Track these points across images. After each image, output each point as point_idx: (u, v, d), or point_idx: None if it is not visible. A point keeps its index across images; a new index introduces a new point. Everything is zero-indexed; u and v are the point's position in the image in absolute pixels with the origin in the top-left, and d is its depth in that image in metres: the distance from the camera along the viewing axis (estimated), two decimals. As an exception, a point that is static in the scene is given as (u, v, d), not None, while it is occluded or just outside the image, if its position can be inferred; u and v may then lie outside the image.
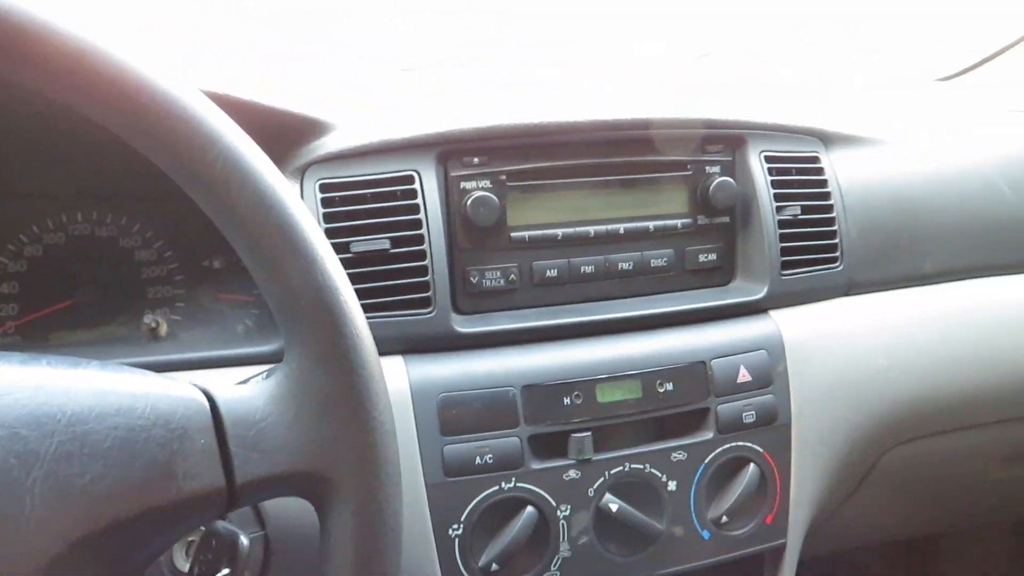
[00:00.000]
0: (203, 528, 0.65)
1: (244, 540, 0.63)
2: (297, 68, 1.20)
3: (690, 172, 0.86)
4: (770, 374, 0.84)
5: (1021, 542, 1.69)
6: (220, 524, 0.64)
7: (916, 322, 0.96)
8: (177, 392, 0.43)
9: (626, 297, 0.85)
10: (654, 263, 0.85)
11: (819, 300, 0.92)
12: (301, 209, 0.45)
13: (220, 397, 0.43)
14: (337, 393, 0.43)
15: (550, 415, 0.76)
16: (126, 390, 0.42)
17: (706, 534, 0.82)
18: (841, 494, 1.01)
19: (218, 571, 0.62)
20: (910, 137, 1.02)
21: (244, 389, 0.45)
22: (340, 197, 0.75)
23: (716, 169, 0.87)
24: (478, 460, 0.73)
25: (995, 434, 1.08)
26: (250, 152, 0.44)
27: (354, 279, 0.73)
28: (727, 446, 0.82)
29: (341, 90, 0.94)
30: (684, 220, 0.86)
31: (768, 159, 0.88)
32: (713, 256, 0.88)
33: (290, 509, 0.61)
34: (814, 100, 1.12)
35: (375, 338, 0.75)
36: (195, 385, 0.44)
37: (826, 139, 0.94)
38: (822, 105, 1.05)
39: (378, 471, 0.44)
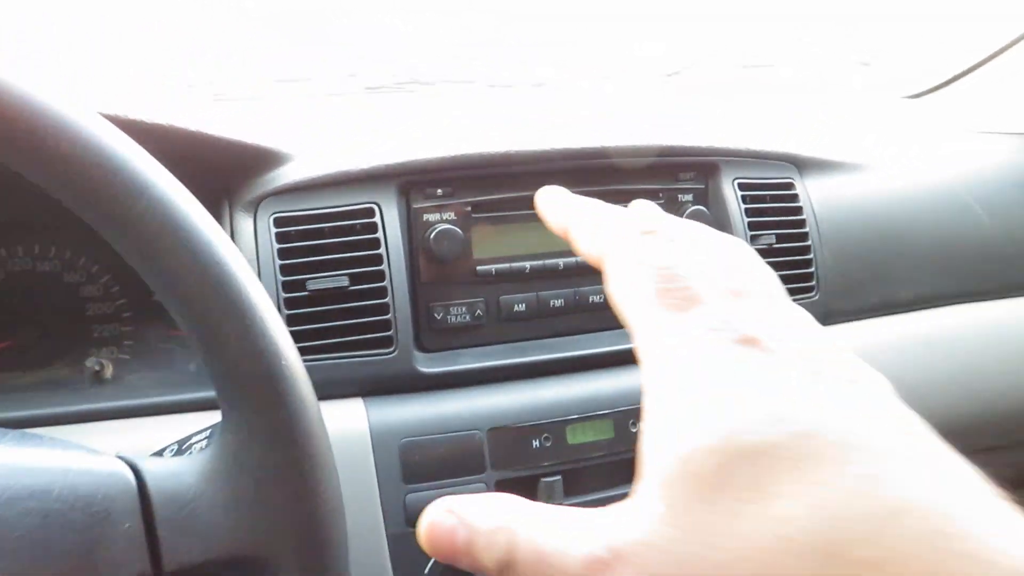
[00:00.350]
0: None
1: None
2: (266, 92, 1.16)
3: (662, 201, 0.83)
4: (746, 410, 0.81)
5: None
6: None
7: (894, 350, 0.94)
8: (100, 467, 0.39)
9: (597, 331, 0.82)
10: (626, 295, 0.82)
11: (795, 331, 0.89)
12: (239, 265, 0.41)
13: (148, 472, 0.40)
14: (278, 469, 0.40)
15: (518, 459, 0.73)
16: (42, 466, 0.38)
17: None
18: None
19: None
20: (885, 161, 1.00)
21: (175, 463, 0.41)
22: (296, 232, 0.71)
23: (689, 197, 0.84)
24: (443, 508, 0.70)
25: (975, 464, 1.06)
26: (183, 203, 0.40)
27: (310, 319, 0.70)
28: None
29: (300, 117, 0.90)
30: (657, 250, 0.83)
31: (742, 186, 0.86)
32: (687, 287, 0.85)
33: None
34: (787, 121, 1.10)
35: (333, 380, 0.72)
36: (121, 458, 0.40)
37: (800, 164, 0.92)
38: (795, 126, 1.03)
39: (322, 555, 0.40)
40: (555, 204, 0.39)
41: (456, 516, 0.28)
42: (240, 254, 0.42)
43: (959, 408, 0.97)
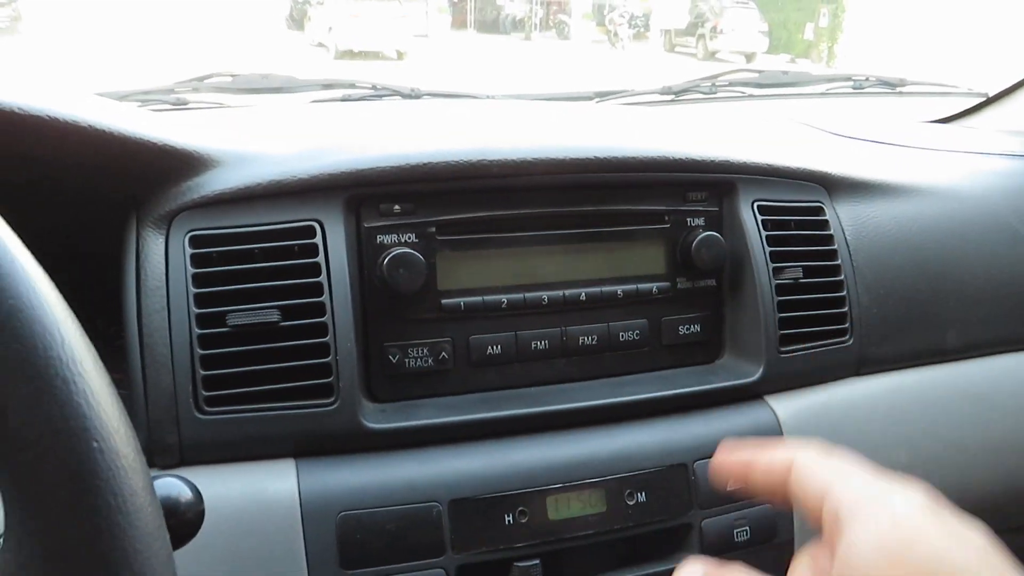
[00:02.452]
0: None
1: None
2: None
3: (668, 225, 0.70)
4: (767, 477, 0.67)
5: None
6: None
7: (939, 408, 0.79)
8: None
9: (587, 380, 0.68)
10: (624, 337, 0.69)
11: (825, 381, 0.75)
12: (37, 294, 0.28)
13: None
14: None
15: (486, 538, 0.59)
16: None
17: None
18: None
19: None
20: (926, 183, 0.87)
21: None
22: (217, 254, 0.58)
23: (700, 222, 0.71)
24: (389, 602, 0.56)
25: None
26: None
27: (231, 360, 0.57)
28: (714, 572, 0.65)
29: (236, 120, 0.78)
30: (661, 284, 0.70)
31: (763, 210, 0.73)
32: (696, 328, 0.72)
33: None
34: (813, 137, 0.97)
35: (257, 436, 0.57)
36: None
37: (830, 185, 0.79)
38: (823, 144, 0.90)
39: None
40: None
41: None
42: (46, 284, 0.29)
43: (1012, 475, 0.82)
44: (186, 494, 0.39)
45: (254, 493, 0.57)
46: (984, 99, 1.26)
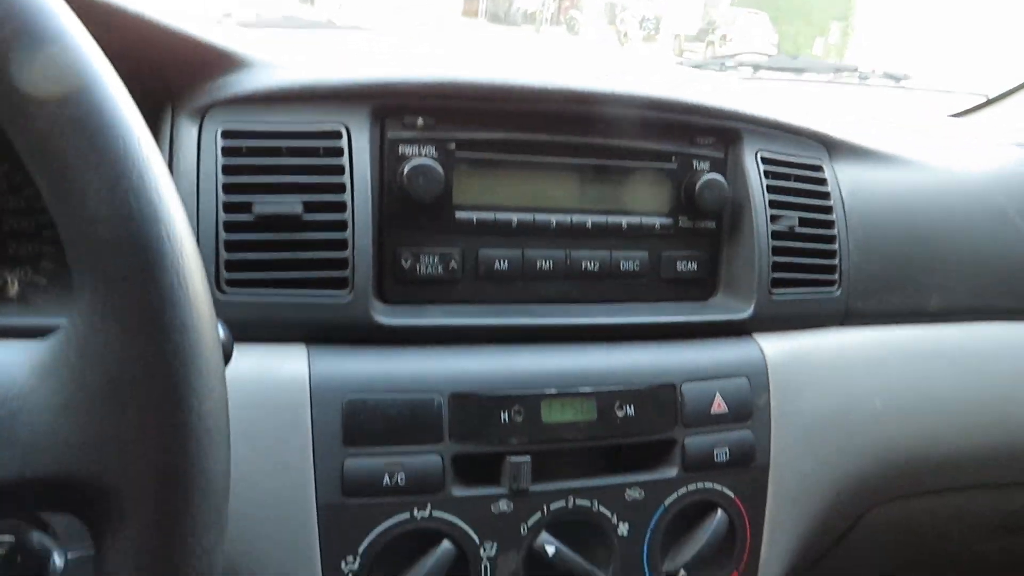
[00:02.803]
0: (12, 538, 0.50)
1: (58, 560, 0.48)
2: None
3: (675, 166, 0.74)
4: (750, 406, 0.71)
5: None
6: (35, 537, 0.50)
7: (917, 364, 0.83)
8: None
9: (588, 302, 0.72)
10: (624, 266, 0.73)
11: (812, 327, 0.79)
12: (119, 99, 0.32)
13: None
14: (136, 368, 0.29)
15: (482, 432, 0.62)
16: None
17: (660, 592, 0.68)
18: (815, 553, 0.88)
19: (17, 596, 0.47)
20: (924, 158, 0.91)
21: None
22: (247, 147, 0.61)
23: (705, 165, 0.75)
24: (387, 480, 0.60)
25: (994, 499, 0.95)
26: (42, 9, 0.30)
27: (254, 246, 0.60)
28: (693, 487, 0.68)
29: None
30: (663, 220, 0.74)
31: (765, 160, 0.76)
32: (694, 265, 0.75)
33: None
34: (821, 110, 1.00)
35: (274, 320, 0.61)
36: None
37: (831, 146, 0.82)
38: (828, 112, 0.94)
39: (186, 490, 0.30)
40: None
41: None
42: (123, 89, 0.32)
43: (987, 435, 0.86)
44: (222, 334, 0.42)
45: (268, 371, 0.60)
46: (985, 100, 1.30)
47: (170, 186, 0.32)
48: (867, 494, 0.83)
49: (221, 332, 0.43)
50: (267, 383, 0.60)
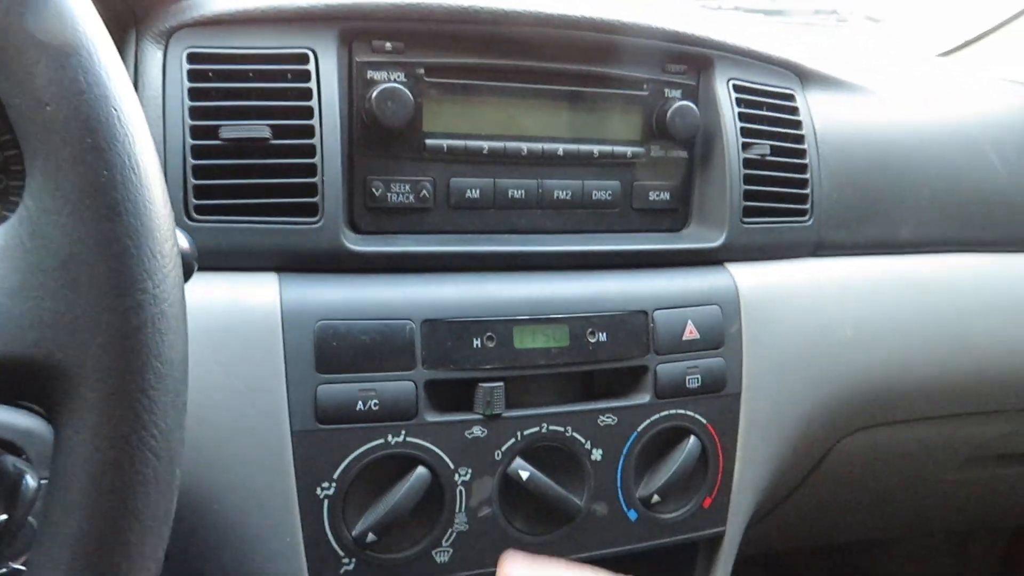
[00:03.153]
0: (-16, 463, 0.50)
1: (31, 482, 0.48)
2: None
3: (646, 93, 0.73)
4: (721, 334, 0.72)
5: (961, 553, 1.61)
6: (9, 460, 0.50)
7: (888, 293, 0.84)
8: None
9: (560, 232, 0.72)
10: (596, 195, 0.72)
11: (783, 257, 0.79)
12: None
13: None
14: (88, 248, 0.29)
15: (455, 358, 0.63)
16: None
17: (633, 515, 0.69)
18: (788, 484, 0.90)
19: (-8, 517, 0.47)
20: (897, 90, 0.91)
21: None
22: (214, 71, 0.60)
23: (677, 93, 0.74)
24: (360, 406, 0.60)
25: (960, 430, 0.97)
26: None
27: (222, 172, 0.59)
28: (665, 413, 0.69)
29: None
30: (635, 149, 0.73)
31: (737, 88, 0.76)
32: (666, 195, 0.75)
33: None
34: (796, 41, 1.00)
35: (244, 247, 0.61)
36: None
37: (804, 76, 0.82)
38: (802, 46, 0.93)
39: (142, 371, 0.30)
40: None
41: None
42: None
43: (955, 365, 0.88)
44: (183, 241, 0.42)
45: (238, 298, 0.60)
46: (971, 38, 1.30)
47: (121, 70, 0.31)
48: (838, 423, 0.85)
49: (184, 241, 0.42)
50: (238, 310, 0.60)
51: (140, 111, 0.32)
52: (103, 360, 0.28)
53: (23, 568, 0.49)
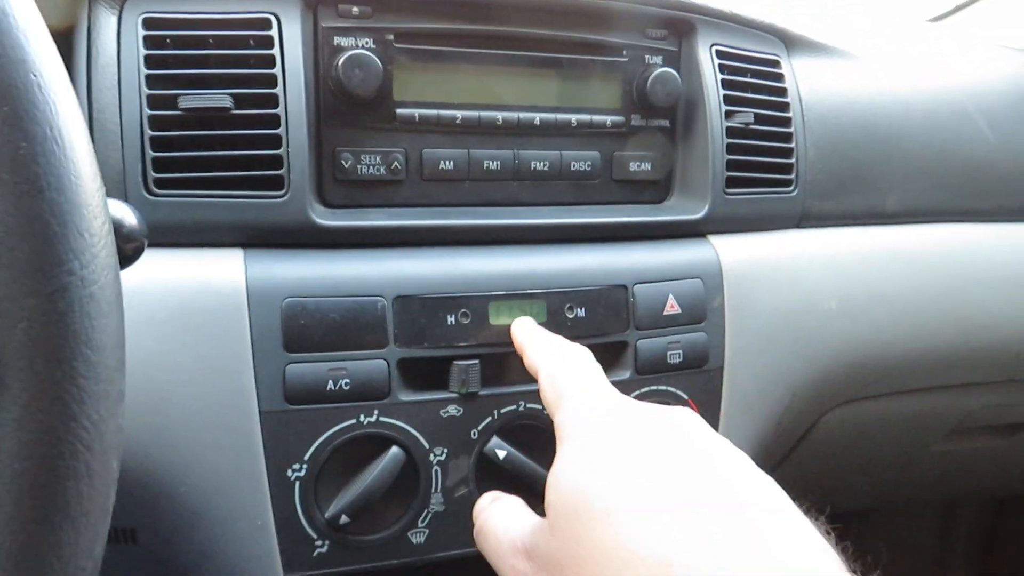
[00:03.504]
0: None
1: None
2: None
3: (626, 59, 0.71)
4: (703, 308, 0.70)
5: (946, 522, 1.61)
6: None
7: (874, 265, 0.83)
8: None
9: (537, 205, 0.70)
10: (575, 166, 0.70)
11: (767, 229, 0.78)
12: None
13: None
14: (8, 228, 0.27)
15: (428, 335, 0.61)
16: None
17: (613, 493, 0.68)
18: (772, 458, 0.89)
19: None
20: (885, 56, 0.89)
21: None
22: (171, 38, 0.58)
23: (658, 59, 0.72)
24: (331, 385, 0.58)
25: (946, 402, 0.96)
26: None
27: (183, 144, 0.57)
28: (646, 389, 0.68)
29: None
30: (615, 118, 0.71)
31: (720, 54, 0.73)
32: (647, 166, 0.73)
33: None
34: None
35: (207, 223, 0.58)
36: None
37: (789, 42, 0.80)
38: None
39: (69, 358, 0.27)
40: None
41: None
42: None
43: (940, 337, 0.87)
44: (130, 217, 0.39)
45: (202, 276, 0.58)
46: (958, 5, 1.28)
47: (44, 33, 0.29)
48: (823, 397, 0.83)
49: (133, 217, 0.40)
50: (202, 288, 0.57)
51: (65, 77, 0.29)
52: (26, 347, 0.26)
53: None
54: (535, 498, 0.64)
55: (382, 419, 0.59)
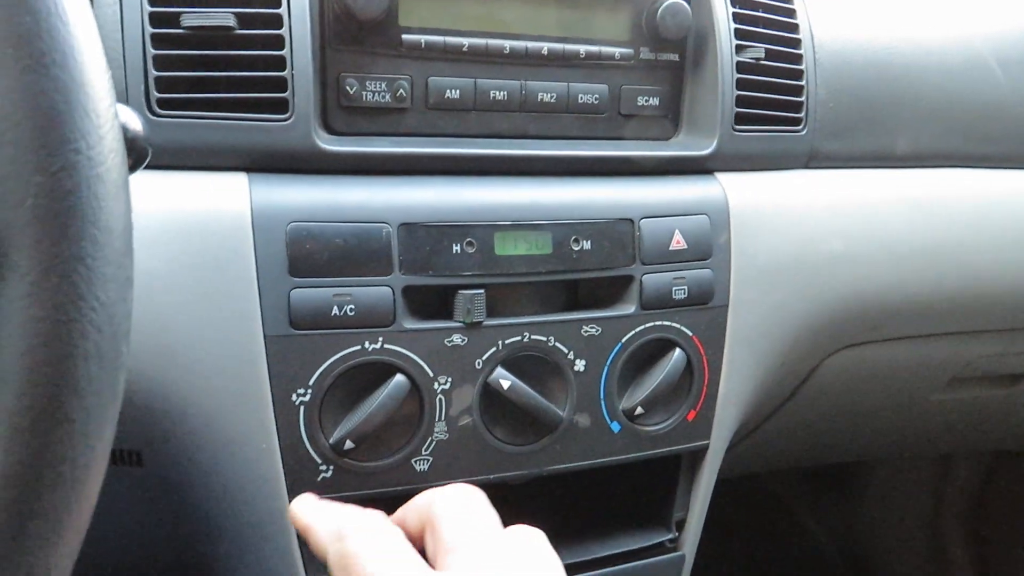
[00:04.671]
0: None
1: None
2: None
3: (635, -9, 0.70)
4: (709, 244, 0.70)
5: (939, 478, 1.63)
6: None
7: (881, 208, 0.82)
8: None
9: (544, 138, 0.69)
10: (582, 99, 0.69)
11: (775, 168, 0.77)
12: None
13: None
14: (11, 102, 0.26)
15: (433, 264, 0.60)
16: None
17: (616, 427, 0.68)
18: (773, 401, 0.89)
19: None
20: (897, -3, 0.87)
21: None
22: (173, -45, 0.56)
23: (668, -8, 0.70)
24: (336, 311, 0.58)
25: (947, 349, 0.97)
26: None
27: (185, 63, 0.56)
28: (650, 324, 0.68)
29: None
30: (624, 50, 0.70)
31: (732, -12, 0.72)
32: (655, 100, 0.72)
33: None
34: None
35: (211, 145, 0.58)
36: None
37: (802, -23, 0.78)
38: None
39: (77, 237, 0.27)
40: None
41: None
42: None
43: (945, 283, 0.86)
44: (135, 122, 0.39)
45: (206, 199, 0.57)
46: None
47: None
48: (825, 339, 0.83)
49: (137, 122, 0.39)
50: (206, 211, 0.57)
51: None
52: (34, 224, 0.26)
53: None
54: (539, 429, 0.65)
55: (387, 346, 0.59)
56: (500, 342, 0.63)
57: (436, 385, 0.61)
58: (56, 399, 0.25)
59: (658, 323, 0.68)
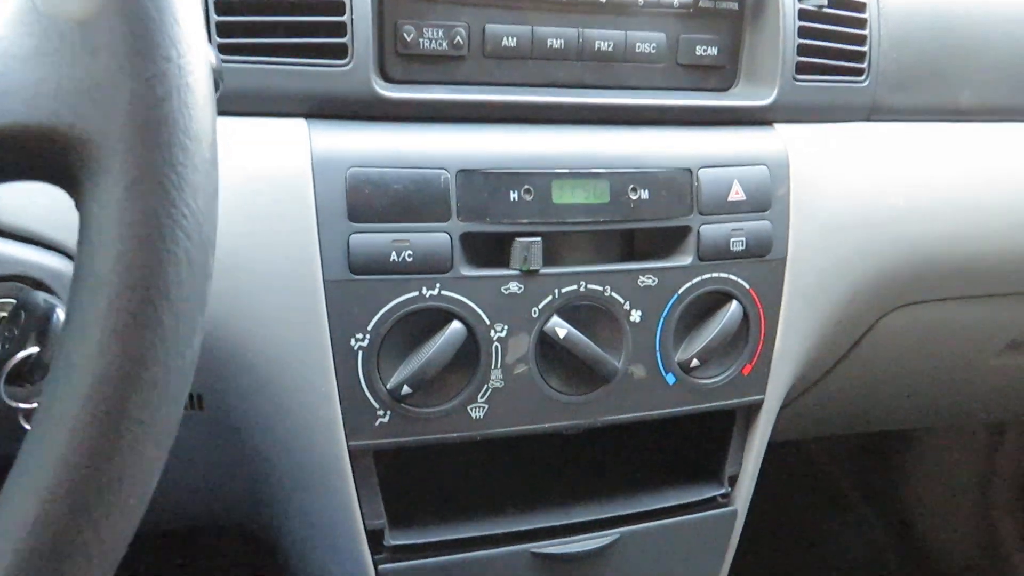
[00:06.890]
0: (15, 300, 0.49)
1: (61, 314, 0.48)
2: None
3: (696, -63, 0.68)
4: (768, 196, 0.69)
5: (991, 447, 1.60)
6: (39, 295, 0.49)
7: (944, 163, 0.80)
8: None
9: (601, 88, 0.68)
10: (640, 48, 0.68)
11: (836, 120, 0.75)
12: None
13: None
14: (109, 10, 0.26)
15: (491, 211, 0.60)
16: None
17: (671, 379, 0.68)
18: (828, 359, 0.88)
19: (22, 349, 0.47)
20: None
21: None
22: (234, -101, 0.56)
23: (729, -64, 0.69)
24: (394, 257, 0.58)
25: (1005, 312, 0.94)
26: None
27: (246, 8, 0.56)
28: (707, 276, 0.67)
29: None
30: (683, -2, 0.69)
31: (795, -67, 0.70)
32: (714, 50, 0.71)
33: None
34: None
35: (272, 90, 0.58)
36: None
37: (867, -77, 0.76)
38: None
39: (168, 144, 0.27)
40: None
41: None
42: None
43: (1009, 241, 0.84)
44: (208, 51, 0.39)
45: (267, 143, 0.58)
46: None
47: None
48: (883, 297, 0.82)
49: (211, 53, 0.40)
50: (267, 156, 0.57)
51: None
52: (128, 130, 0.26)
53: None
54: (594, 379, 0.65)
55: (444, 293, 0.60)
56: (556, 291, 0.63)
57: (492, 333, 0.61)
58: (149, 302, 0.26)
59: (715, 275, 0.67)
